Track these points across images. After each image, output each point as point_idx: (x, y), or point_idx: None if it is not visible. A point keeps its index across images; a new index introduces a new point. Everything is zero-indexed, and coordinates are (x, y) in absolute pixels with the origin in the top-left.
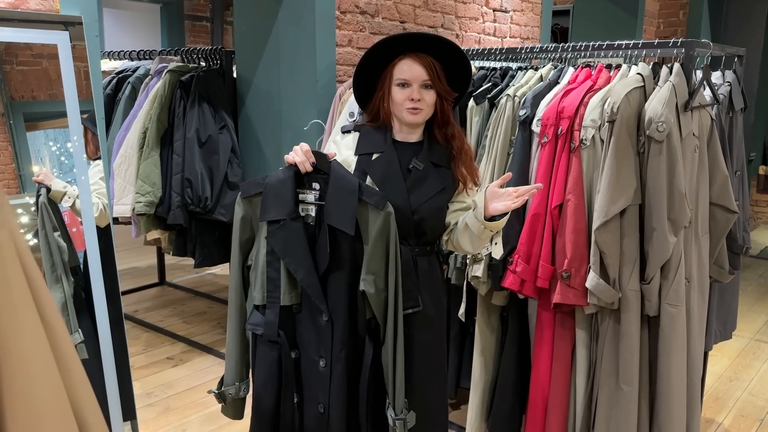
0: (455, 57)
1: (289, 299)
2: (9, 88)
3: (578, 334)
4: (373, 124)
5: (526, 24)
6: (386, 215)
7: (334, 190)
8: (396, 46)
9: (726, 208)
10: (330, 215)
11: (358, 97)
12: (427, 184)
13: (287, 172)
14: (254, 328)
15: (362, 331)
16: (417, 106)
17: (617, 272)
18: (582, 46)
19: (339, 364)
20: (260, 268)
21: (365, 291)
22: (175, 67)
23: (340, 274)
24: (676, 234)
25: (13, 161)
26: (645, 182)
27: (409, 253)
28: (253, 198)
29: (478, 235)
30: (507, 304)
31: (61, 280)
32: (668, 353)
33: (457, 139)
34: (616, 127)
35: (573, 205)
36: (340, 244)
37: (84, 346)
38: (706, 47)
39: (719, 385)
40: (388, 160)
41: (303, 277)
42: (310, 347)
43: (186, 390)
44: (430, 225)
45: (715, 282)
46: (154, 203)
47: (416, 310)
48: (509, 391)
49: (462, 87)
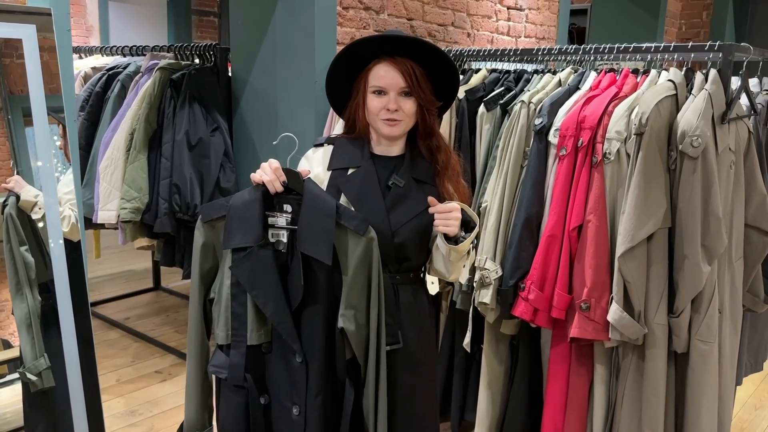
0: (439, 61)
1: (257, 338)
2: (8, 82)
3: (597, 369)
4: (349, 135)
5: (542, 23)
6: (368, 241)
7: (308, 213)
8: (372, 48)
9: (763, 231)
10: (303, 242)
11: (333, 104)
12: (409, 203)
13: (254, 192)
14: (217, 371)
15: (341, 373)
16: (394, 117)
17: (643, 304)
18: (605, 48)
19: (314, 411)
20: (224, 303)
21: (344, 328)
22: (167, 64)
23: (316, 308)
24: (710, 263)
25: (11, 157)
26: (676, 204)
27: (389, 281)
28: (216, 222)
29: (446, 257)
30: (517, 332)
31: (26, 297)
32: (698, 395)
33: (442, 152)
34: (645, 141)
35: (594, 227)
36: (316, 274)
37: (50, 372)
38: (745, 51)
39: (744, 414)
40: (365, 176)
41: (273, 313)
42: (282, 392)
43: (172, 408)
44: (412, 249)
45: (748, 311)
46: (141, 209)
47: (396, 347)
48: (518, 429)
49: (449, 95)
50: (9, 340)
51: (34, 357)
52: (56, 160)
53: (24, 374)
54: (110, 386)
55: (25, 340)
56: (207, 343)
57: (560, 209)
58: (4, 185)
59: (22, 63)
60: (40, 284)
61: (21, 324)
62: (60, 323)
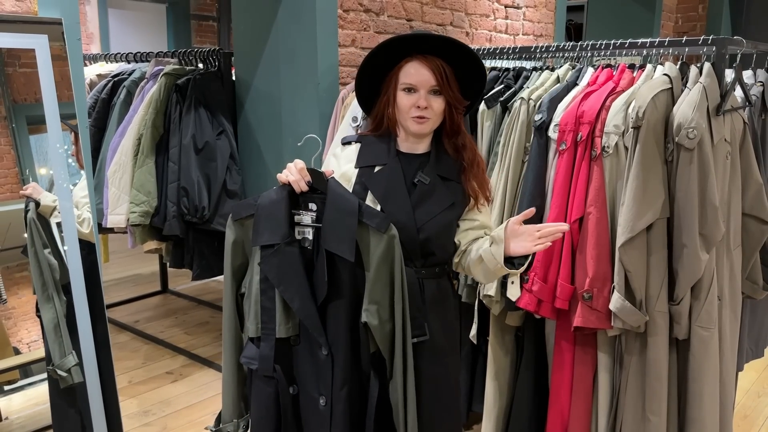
0: (468, 61)
1: (286, 331)
2: (12, 91)
3: (600, 358)
4: (377, 133)
5: (540, 21)
6: (389, 239)
7: (332, 212)
8: (403, 47)
9: (760, 219)
10: (327, 239)
11: (361, 101)
12: (434, 200)
13: (281, 192)
14: (249, 362)
15: (366, 366)
16: (423, 114)
17: (644, 293)
18: (602, 45)
19: (340, 403)
20: (254, 297)
21: (368, 322)
22: (172, 69)
23: (340, 303)
24: (708, 251)
25: (16, 165)
26: (674, 194)
27: (415, 276)
28: (245, 220)
29: (494, 271)
30: (522, 323)
31: (52, 299)
32: (700, 380)
33: (468, 150)
34: (642, 134)
35: (595, 218)
36: (339, 270)
37: (79, 369)
38: (738, 45)
39: (747, 401)
40: (392, 174)
41: (299, 307)
42: (309, 383)
43: (185, 408)
44: (437, 244)
45: (747, 298)
46: (150, 213)
47: (423, 340)
48: (525, 419)
49: (475, 94)
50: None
51: (62, 354)
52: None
53: (54, 371)
54: (123, 387)
55: (53, 339)
56: (240, 336)
57: (561, 202)
58: (22, 192)
59: (24, 72)
60: (63, 285)
61: (48, 324)
62: (77, 323)
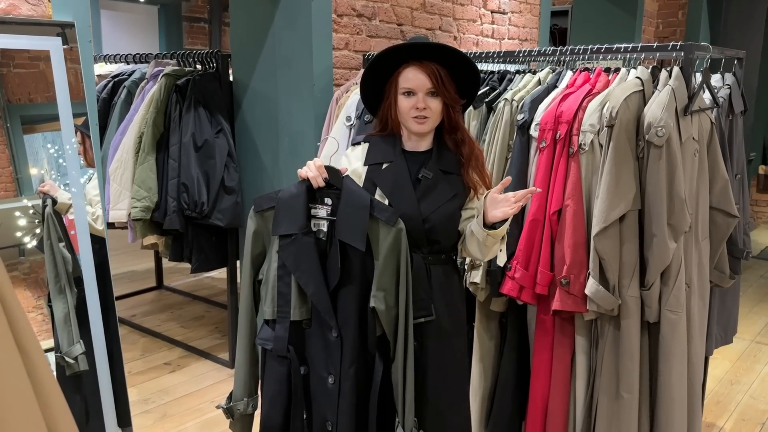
0: (461, 63)
1: (299, 314)
2: (6, 91)
3: (578, 340)
4: (383, 134)
5: (525, 25)
6: (397, 231)
7: (346, 206)
8: (401, 55)
9: (726, 213)
10: (341, 230)
11: (367, 105)
12: (437, 192)
13: (300, 186)
14: (264, 342)
15: (372, 347)
16: (423, 114)
17: (617, 279)
18: (581, 50)
19: (348, 381)
20: (271, 283)
21: (375, 307)
22: (171, 70)
23: (351, 289)
24: (676, 240)
25: (11, 164)
26: (644, 188)
27: (422, 262)
28: (266, 212)
29: (483, 242)
30: (506, 310)
31: (64, 290)
32: (669, 360)
33: (467, 145)
34: (615, 132)
35: (572, 210)
36: (351, 259)
37: (85, 357)
38: (705, 50)
39: (720, 388)
40: (398, 170)
41: (313, 292)
42: (319, 363)
43: (183, 396)
44: (441, 232)
45: (715, 287)
46: (150, 208)
47: (428, 320)
48: (508, 398)
49: (471, 92)
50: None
51: (70, 343)
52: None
53: (62, 358)
54: None
55: (62, 328)
56: (255, 320)
57: (541, 196)
58: (40, 189)
59: (19, 72)
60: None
61: (59, 313)
62: (88, 314)
